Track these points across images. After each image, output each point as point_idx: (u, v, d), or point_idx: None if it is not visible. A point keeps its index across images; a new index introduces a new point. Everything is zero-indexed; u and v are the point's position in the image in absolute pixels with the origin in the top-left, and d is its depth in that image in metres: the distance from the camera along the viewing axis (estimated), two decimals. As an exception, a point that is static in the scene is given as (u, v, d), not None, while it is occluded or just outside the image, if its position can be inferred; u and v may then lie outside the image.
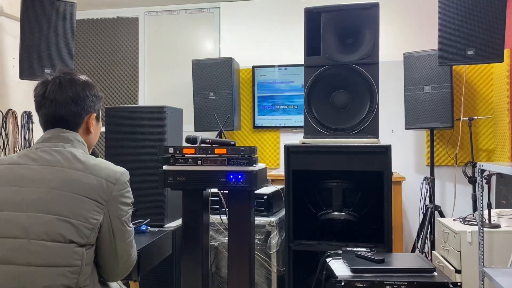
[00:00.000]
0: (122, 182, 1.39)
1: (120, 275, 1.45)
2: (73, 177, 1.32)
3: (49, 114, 1.43)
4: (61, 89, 1.42)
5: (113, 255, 1.38)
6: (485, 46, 2.79)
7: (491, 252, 2.56)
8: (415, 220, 3.76)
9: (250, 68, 4.24)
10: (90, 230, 1.29)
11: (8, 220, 1.25)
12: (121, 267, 1.42)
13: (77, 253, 1.26)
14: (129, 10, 4.62)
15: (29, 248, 1.22)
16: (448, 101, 3.40)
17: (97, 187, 1.33)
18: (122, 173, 1.41)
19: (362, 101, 2.56)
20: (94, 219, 1.31)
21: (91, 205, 1.31)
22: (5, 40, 3.87)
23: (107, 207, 1.34)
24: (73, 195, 1.29)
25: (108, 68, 4.66)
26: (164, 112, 2.49)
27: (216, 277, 2.89)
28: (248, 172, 1.92)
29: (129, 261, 1.44)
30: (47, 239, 1.23)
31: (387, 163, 2.41)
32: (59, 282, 1.22)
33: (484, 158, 3.76)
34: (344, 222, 2.56)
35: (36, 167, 1.33)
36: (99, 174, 1.35)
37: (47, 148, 1.38)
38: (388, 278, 1.79)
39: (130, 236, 1.43)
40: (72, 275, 1.25)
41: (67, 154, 1.36)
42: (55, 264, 1.23)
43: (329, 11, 2.59)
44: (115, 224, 1.36)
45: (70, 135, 1.42)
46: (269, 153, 4.22)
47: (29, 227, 1.24)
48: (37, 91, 1.44)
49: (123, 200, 1.39)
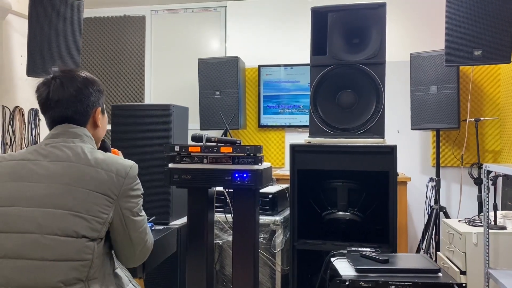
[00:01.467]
0: (132, 176, 1.41)
1: (138, 261, 1.49)
2: (84, 173, 1.33)
3: (56, 115, 1.44)
4: (64, 88, 1.43)
5: (129, 244, 1.41)
6: (493, 47, 2.77)
7: (496, 253, 2.55)
8: (420, 221, 3.75)
9: (256, 67, 4.24)
10: (101, 225, 1.31)
11: (20, 216, 1.26)
12: (138, 254, 1.46)
13: (89, 247, 1.28)
14: (136, 9, 4.63)
15: (42, 242, 1.24)
16: (455, 102, 3.38)
17: (107, 182, 1.34)
18: (132, 167, 1.42)
19: (368, 101, 2.56)
20: (105, 214, 1.33)
21: (102, 200, 1.32)
22: (13, 37, 3.89)
23: (118, 201, 1.36)
24: (84, 190, 1.31)
25: (115, 66, 4.68)
26: (170, 111, 2.50)
27: (221, 275, 2.90)
28: (253, 171, 1.93)
29: (146, 247, 1.48)
30: (60, 234, 1.25)
31: (392, 163, 2.40)
32: (72, 275, 1.25)
33: (491, 159, 3.74)
34: (349, 222, 2.56)
35: (46, 163, 1.34)
36: (109, 168, 1.37)
37: (57, 144, 1.39)
38: (392, 278, 1.78)
39: (143, 225, 1.45)
40: (83, 268, 1.27)
41: (77, 150, 1.37)
42: (68, 258, 1.25)
43: (336, 11, 2.58)
44: (126, 216, 1.38)
45: (78, 130, 1.44)
46: (274, 153, 4.22)
47: (42, 222, 1.26)
48: (40, 93, 1.45)
49: (133, 193, 1.41)
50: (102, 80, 4.69)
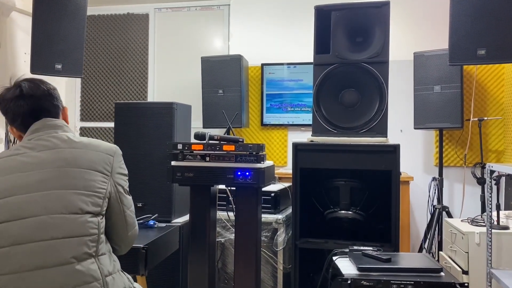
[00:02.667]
0: (118, 154, 1.50)
1: (129, 244, 1.55)
2: (75, 154, 1.39)
3: (32, 107, 1.46)
4: (35, 85, 1.49)
5: (122, 223, 1.48)
6: (497, 46, 2.76)
7: (499, 253, 2.55)
8: (422, 220, 3.75)
9: (259, 65, 4.24)
10: (101, 199, 1.38)
11: (25, 201, 1.29)
12: (129, 235, 1.52)
13: (93, 222, 1.33)
14: (139, 7, 4.64)
15: (50, 222, 1.27)
16: (458, 101, 3.37)
17: (99, 160, 1.42)
18: (116, 147, 1.52)
19: (371, 100, 2.55)
20: (103, 189, 1.39)
21: (98, 177, 1.39)
22: (17, 35, 3.90)
23: (111, 177, 1.44)
24: (79, 169, 1.37)
25: (118, 64, 4.68)
26: (173, 108, 2.50)
27: (222, 273, 2.90)
28: (255, 169, 1.93)
29: (135, 230, 1.55)
30: (65, 212, 1.30)
31: (395, 162, 2.40)
32: (82, 251, 1.29)
33: (494, 159, 3.73)
34: (351, 221, 2.56)
35: (35, 153, 1.37)
36: (98, 149, 1.44)
37: (41, 136, 1.42)
38: (394, 277, 1.78)
39: (132, 205, 1.53)
40: (92, 243, 1.32)
41: (62, 137, 1.43)
42: (76, 234, 1.29)
43: (339, 9, 2.58)
44: (121, 192, 1.46)
45: (57, 122, 1.49)
46: (277, 151, 4.22)
47: (46, 203, 1.29)
48: (10, 94, 1.46)
49: (121, 171, 1.49)
50: (105, 77, 4.70)
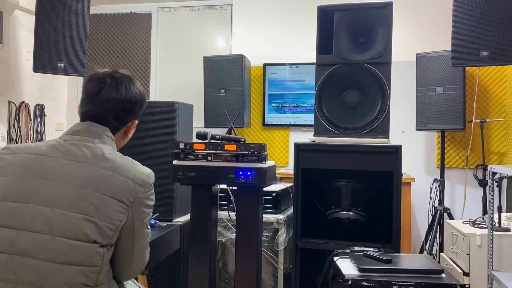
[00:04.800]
0: (148, 184, 1.38)
1: (131, 275, 1.45)
2: (100, 176, 1.30)
3: (96, 111, 1.40)
4: (117, 91, 1.41)
5: (128, 255, 1.38)
6: (500, 47, 2.75)
7: (500, 255, 2.54)
8: (423, 221, 3.74)
9: (261, 65, 4.24)
10: (113, 231, 1.28)
11: (33, 214, 1.24)
12: (133, 268, 1.42)
13: (99, 253, 1.26)
14: (142, 6, 4.64)
15: (52, 244, 1.21)
16: (460, 102, 3.37)
17: (123, 188, 1.31)
18: (149, 175, 1.40)
19: (373, 100, 2.55)
20: (118, 221, 1.29)
21: (116, 206, 1.29)
22: (20, 33, 3.91)
23: (132, 208, 1.33)
24: (99, 194, 1.27)
25: (120, 63, 4.69)
26: (175, 108, 2.50)
27: (223, 272, 2.91)
28: (257, 169, 1.93)
29: (142, 262, 1.45)
30: (71, 237, 1.22)
31: (397, 163, 2.40)
32: (79, 280, 1.22)
33: (496, 161, 3.72)
34: (352, 222, 2.56)
35: (64, 161, 1.31)
36: (127, 174, 1.33)
37: (76, 142, 1.35)
38: (395, 278, 1.78)
39: (147, 238, 1.43)
40: (92, 274, 1.24)
41: (96, 151, 1.34)
42: (76, 262, 1.22)
43: (342, 10, 2.58)
44: (137, 225, 1.35)
45: (100, 130, 1.40)
46: (279, 151, 4.22)
47: (53, 223, 1.23)
48: (91, 88, 1.41)
49: (147, 202, 1.38)
50: (108, 76, 4.70)
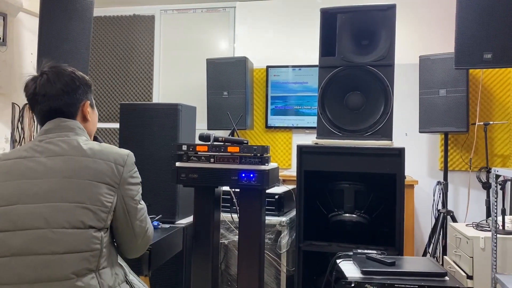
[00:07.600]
0: (130, 163, 1.44)
1: (140, 251, 1.52)
2: (83, 164, 1.35)
3: (44, 109, 1.45)
4: (50, 83, 1.45)
5: (130, 234, 1.44)
6: (503, 50, 2.74)
7: (504, 258, 2.53)
8: (427, 224, 3.73)
9: (264, 68, 4.24)
10: (106, 214, 1.34)
11: (26, 213, 1.27)
12: (139, 244, 1.48)
13: (97, 237, 1.31)
14: (145, 8, 4.66)
15: (51, 237, 1.25)
16: (464, 105, 3.36)
17: (107, 171, 1.37)
18: (129, 155, 1.46)
19: (376, 103, 2.54)
20: (109, 202, 1.35)
21: (104, 189, 1.35)
22: (23, 35, 3.93)
23: (119, 189, 1.39)
24: (86, 181, 1.33)
25: (124, 65, 4.70)
26: (178, 110, 2.50)
27: (226, 275, 2.90)
28: (260, 171, 1.93)
29: (146, 236, 1.50)
30: (67, 226, 1.27)
31: (400, 166, 2.39)
32: (82, 266, 1.27)
33: (499, 163, 3.71)
34: (355, 224, 2.55)
35: (44, 159, 1.35)
36: (107, 158, 1.39)
37: (51, 139, 1.40)
38: (398, 281, 1.77)
39: (144, 213, 1.48)
40: (93, 258, 1.29)
41: (72, 143, 1.39)
42: (77, 250, 1.27)
43: (345, 12, 2.58)
44: (129, 204, 1.41)
45: (71, 124, 1.45)
46: (281, 153, 4.22)
47: (49, 216, 1.27)
48: (27, 89, 1.47)
49: (132, 180, 1.44)
50: (111, 78, 4.72)
